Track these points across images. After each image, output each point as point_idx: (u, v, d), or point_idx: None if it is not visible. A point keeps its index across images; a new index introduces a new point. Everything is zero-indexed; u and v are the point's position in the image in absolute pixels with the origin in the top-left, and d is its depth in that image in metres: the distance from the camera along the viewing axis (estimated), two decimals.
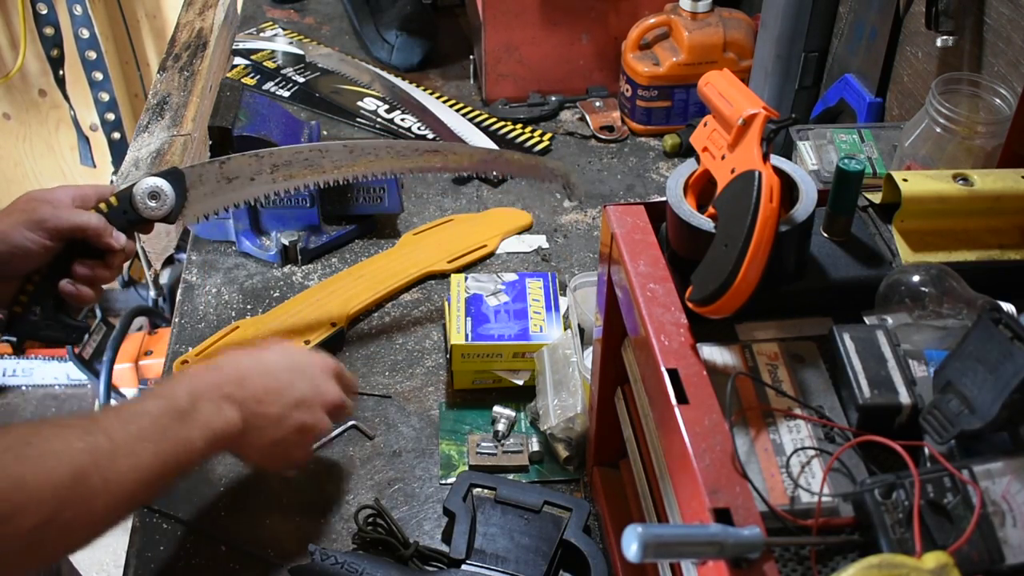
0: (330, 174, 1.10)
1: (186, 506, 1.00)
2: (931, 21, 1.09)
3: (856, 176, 0.77)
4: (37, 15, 2.29)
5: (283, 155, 1.07)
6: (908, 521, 0.58)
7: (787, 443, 0.66)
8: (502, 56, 1.57)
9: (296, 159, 1.08)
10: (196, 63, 1.55)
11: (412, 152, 1.15)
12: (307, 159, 1.08)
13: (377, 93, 1.65)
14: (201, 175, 1.03)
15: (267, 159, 1.07)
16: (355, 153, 1.11)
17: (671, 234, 0.77)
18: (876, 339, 0.69)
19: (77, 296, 0.94)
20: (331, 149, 1.10)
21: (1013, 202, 0.79)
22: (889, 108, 1.28)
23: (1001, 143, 0.97)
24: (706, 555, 0.56)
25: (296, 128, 1.31)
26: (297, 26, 1.86)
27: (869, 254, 0.79)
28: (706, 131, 0.77)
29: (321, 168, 1.09)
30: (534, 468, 1.04)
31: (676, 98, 1.52)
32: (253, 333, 1.14)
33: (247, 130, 1.23)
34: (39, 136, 2.62)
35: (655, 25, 1.50)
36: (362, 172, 1.12)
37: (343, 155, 1.10)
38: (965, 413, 0.61)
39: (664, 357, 0.66)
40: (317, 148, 1.09)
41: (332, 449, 1.06)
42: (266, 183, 1.07)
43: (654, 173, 1.49)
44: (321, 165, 1.09)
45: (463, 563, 0.90)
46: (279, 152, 1.08)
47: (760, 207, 0.67)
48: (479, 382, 1.12)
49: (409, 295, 1.26)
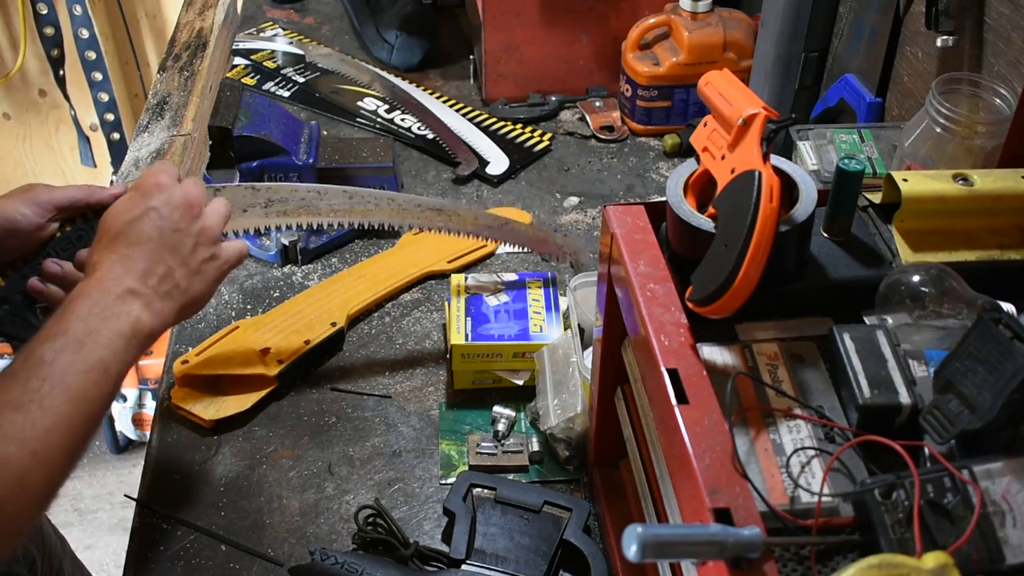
0: (325, 217, 1.09)
1: (186, 506, 1.00)
2: (931, 21, 1.10)
3: (856, 176, 0.77)
4: (37, 15, 2.29)
5: (280, 192, 1.06)
6: (908, 521, 0.58)
7: (787, 443, 0.66)
8: (502, 56, 1.57)
9: (292, 197, 1.07)
10: (196, 63, 1.55)
11: (414, 208, 1.13)
12: (303, 199, 1.07)
13: (377, 93, 1.65)
14: None
15: (263, 193, 1.05)
16: (354, 200, 1.10)
17: (671, 234, 0.77)
18: (876, 339, 0.69)
19: (46, 294, 0.92)
20: (330, 192, 1.08)
21: (1013, 202, 0.79)
22: (889, 108, 1.28)
23: (1001, 143, 0.97)
24: (706, 555, 0.56)
25: (296, 128, 1.31)
26: (297, 26, 1.86)
27: (869, 254, 0.79)
28: (706, 131, 0.77)
29: (317, 211, 1.08)
30: (534, 468, 1.04)
31: (676, 98, 1.52)
32: (253, 333, 1.14)
33: (247, 130, 1.23)
34: (39, 136, 2.62)
35: (655, 25, 1.50)
36: (358, 220, 1.11)
37: (341, 200, 1.09)
38: (965, 413, 0.61)
39: (664, 357, 0.66)
40: (316, 190, 1.08)
41: (332, 449, 1.06)
42: (258, 216, 1.06)
43: (654, 173, 1.49)
44: (317, 207, 1.08)
45: (463, 563, 0.90)
46: (276, 188, 1.06)
47: (760, 207, 0.67)
48: (479, 382, 1.12)
49: (409, 295, 1.26)
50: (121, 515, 2.34)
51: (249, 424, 1.08)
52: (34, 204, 0.90)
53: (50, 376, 0.71)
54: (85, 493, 2.39)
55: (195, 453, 1.05)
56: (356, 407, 1.11)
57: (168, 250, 0.84)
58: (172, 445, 1.06)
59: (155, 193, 0.86)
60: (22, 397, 0.69)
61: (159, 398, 1.12)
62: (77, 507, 2.36)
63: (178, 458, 1.05)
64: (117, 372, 0.76)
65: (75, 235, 0.93)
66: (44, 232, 0.91)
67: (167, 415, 1.09)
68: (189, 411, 1.07)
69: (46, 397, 0.70)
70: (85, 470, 2.42)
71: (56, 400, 0.70)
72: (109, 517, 2.35)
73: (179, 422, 1.09)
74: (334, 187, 1.09)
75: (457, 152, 1.49)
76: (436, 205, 1.15)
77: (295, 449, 1.06)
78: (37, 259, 0.92)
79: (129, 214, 0.85)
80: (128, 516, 1.17)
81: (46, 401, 0.70)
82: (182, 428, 1.08)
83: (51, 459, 0.69)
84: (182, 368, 1.10)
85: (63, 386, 0.71)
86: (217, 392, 1.09)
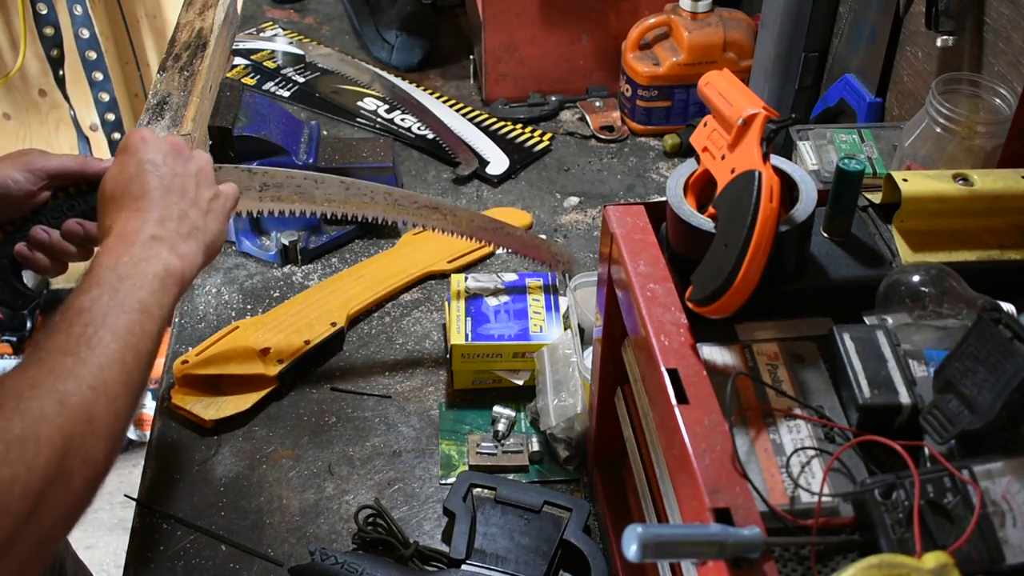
0: (319, 206, 1.09)
1: (186, 506, 1.00)
2: (931, 21, 1.10)
3: (856, 176, 0.77)
4: (37, 15, 2.29)
5: (276, 176, 1.06)
6: (908, 521, 0.58)
7: (787, 443, 0.66)
8: (502, 56, 1.57)
9: (288, 183, 1.07)
10: (196, 63, 1.55)
11: (409, 204, 1.13)
12: (299, 186, 1.07)
13: (377, 93, 1.65)
14: None
15: (259, 176, 1.05)
16: (350, 191, 1.09)
17: (671, 234, 0.77)
18: (876, 339, 0.69)
19: (32, 260, 0.92)
20: (327, 181, 1.08)
21: (1013, 202, 0.79)
22: (889, 108, 1.28)
23: (1001, 143, 0.97)
24: (706, 555, 0.56)
25: (296, 128, 1.31)
26: (297, 26, 1.86)
27: (869, 254, 0.79)
28: (706, 131, 0.77)
29: (312, 198, 1.08)
30: (534, 468, 1.04)
31: (676, 98, 1.52)
32: (253, 333, 1.14)
33: (247, 130, 1.23)
34: (39, 136, 2.62)
35: (655, 25, 1.51)
36: (352, 211, 1.11)
37: (338, 191, 1.09)
38: (965, 413, 0.61)
39: (664, 357, 0.66)
40: (312, 178, 1.08)
41: (332, 449, 1.06)
42: (253, 200, 1.06)
43: (654, 173, 1.49)
44: (312, 195, 1.08)
45: (463, 563, 0.90)
46: (273, 173, 1.06)
47: (760, 207, 0.67)
48: (479, 382, 1.12)
49: (409, 295, 1.26)
50: (121, 515, 2.33)
51: (249, 424, 1.08)
52: (27, 171, 0.90)
53: (92, 321, 0.72)
54: None
55: (195, 453, 1.05)
56: (356, 407, 1.11)
57: (176, 194, 0.85)
58: (172, 445, 1.06)
59: (142, 148, 0.86)
60: (67, 343, 0.70)
61: (159, 398, 1.12)
62: None
63: (178, 458, 1.05)
64: (159, 313, 0.77)
65: (66, 204, 0.92)
66: (35, 199, 0.91)
67: (167, 415, 1.09)
68: (189, 411, 1.07)
69: (92, 338, 0.71)
70: None
71: (103, 340, 0.71)
72: (109, 517, 2.35)
73: (179, 422, 1.09)
74: (331, 176, 1.09)
75: (457, 152, 1.49)
76: (433, 203, 1.15)
77: (295, 449, 1.06)
78: (26, 225, 0.92)
79: (125, 173, 0.85)
80: (128, 516, 1.17)
81: (92, 341, 0.71)
82: (182, 428, 1.08)
83: (110, 392, 0.70)
84: (182, 368, 1.10)
85: (106, 327, 0.72)
86: (217, 392, 1.09)
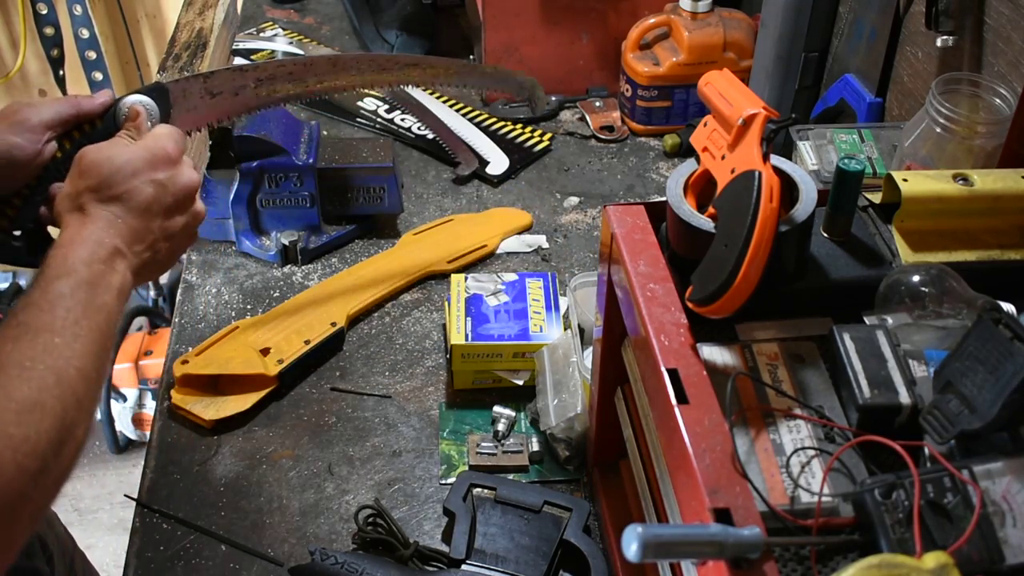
0: (313, 88, 1.10)
1: (186, 506, 1.00)
2: (931, 21, 1.10)
3: (856, 176, 0.77)
4: (37, 15, 2.29)
5: (267, 69, 1.07)
6: (908, 521, 0.58)
7: (787, 443, 0.66)
8: (502, 56, 1.57)
9: (280, 73, 1.08)
10: (196, 63, 1.55)
11: (393, 65, 1.16)
12: (291, 73, 1.08)
13: (377, 93, 1.65)
14: (185, 90, 1.01)
15: (251, 73, 1.06)
16: (338, 67, 1.11)
17: (671, 234, 0.77)
18: (876, 339, 0.69)
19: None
20: (315, 63, 1.10)
21: (1013, 202, 0.79)
22: (889, 108, 1.28)
23: (1001, 143, 0.97)
24: (706, 555, 0.56)
25: (296, 128, 1.31)
26: (297, 26, 1.86)
27: (869, 254, 0.79)
28: (706, 131, 0.77)
29: (304, 82, 1.09)
30: (534, 468, 1.04)
31: (676, 98, 1.52)
32: (253, 333, 1.14)
33: (247, 130, 1.23)
34: None
35: (655, 25, 1.50)
36: (344, 85, 1.13)
37: (327, 69, 1.10)
38: (965, 413, 0.61)
39: (664, 357, 0.66)
40: (301, 62, 1.10)
41: (332, 449, 1.06)
42: (250, 97, 1.06)
43: (654, 173, 1.49)
44: (305, 79, 1.09)
45: (463, 563, 0.90)
46: (263, 66, 1.07)
47: (760, 207, 0.67)
48: (479, 382, 1.12)
49: (409, 295, 1.26)
50: (121, 515, 2.34)
51: (249, 424, 1.08)
52: (25, 131, 0.89)
53: (73, 308, 0.73)
54: (85, 493, 2.39)
55: (195, 453, 1.05)
56: (356, 407, 1.11)
57: (159, 219, 0.85)
58: (172, 445, 1.06)
59: (163, 166, 0.85)
60: (54, 323, 0.71)
61: (159, 398, 1.12)
62: (77, 507, 2.36)
63: (178, 458, 1.05)
64: (115, 322, 0.78)
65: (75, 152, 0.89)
66: (43, 156, 0.90)
67: (167, 415, 1.09)
68: (189, 411, 1.07)
69: (76, 324, 0.72)
70: (85, 470, 2.42)
71: (83, 328, 0.73)
72: (109, 517, 2.35)
73: (179, 422, 1.09)
74: (318, 56, 1.12)
75: (457, 152, 1.49)
76: (413, 59, 1.20)
77: (295, 449, 1.06)
78: (41, 185, 0.91)
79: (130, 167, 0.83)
80: (128, 516, 1.17)
81: (76, 328, 0.72)
82: (182, 428, 1.08)
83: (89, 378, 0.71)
84: (182, 368, 1.10)
85: (87, 317, 0.74)
86: (217, 392, 1.09)
